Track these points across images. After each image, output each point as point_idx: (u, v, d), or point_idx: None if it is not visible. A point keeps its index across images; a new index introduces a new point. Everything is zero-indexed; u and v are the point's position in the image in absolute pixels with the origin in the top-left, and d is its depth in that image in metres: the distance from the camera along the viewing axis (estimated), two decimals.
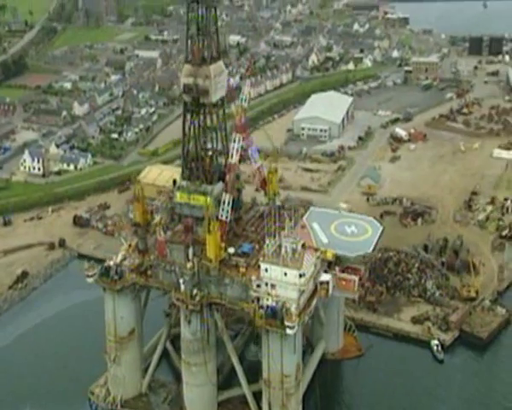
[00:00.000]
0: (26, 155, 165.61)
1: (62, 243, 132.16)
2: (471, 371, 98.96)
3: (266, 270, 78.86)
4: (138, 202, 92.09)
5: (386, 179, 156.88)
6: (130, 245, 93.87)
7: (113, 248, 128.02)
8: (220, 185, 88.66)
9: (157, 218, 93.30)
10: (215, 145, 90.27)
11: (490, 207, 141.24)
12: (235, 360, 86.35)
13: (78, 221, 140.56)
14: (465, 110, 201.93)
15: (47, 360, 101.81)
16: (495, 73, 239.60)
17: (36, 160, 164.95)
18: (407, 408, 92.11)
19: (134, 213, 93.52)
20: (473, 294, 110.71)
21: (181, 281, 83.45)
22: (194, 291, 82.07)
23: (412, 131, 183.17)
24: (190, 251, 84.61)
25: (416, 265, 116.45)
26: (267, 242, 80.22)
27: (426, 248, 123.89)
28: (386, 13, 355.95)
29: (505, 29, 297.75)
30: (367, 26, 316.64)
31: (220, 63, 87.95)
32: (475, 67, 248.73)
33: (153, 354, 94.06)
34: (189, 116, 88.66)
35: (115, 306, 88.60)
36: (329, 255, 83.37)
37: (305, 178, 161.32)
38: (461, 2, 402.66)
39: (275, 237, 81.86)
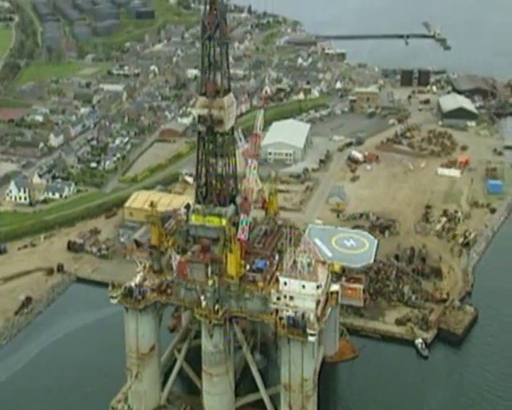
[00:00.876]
0: (12, 186, 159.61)
1: (60, 268, 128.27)
2: (452, 364, 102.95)
3: (285, 283, 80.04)
4: (154, 226, 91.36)
5: (351, 197, 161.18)
6: (144, 266, 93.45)
7: (110, 270, 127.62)
8: (232, 207, 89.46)
9: (170, 240, 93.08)
10: (226, 170, 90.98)
11: (444, 219, 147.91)
12: (253, 369, 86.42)
13: (72, 246, 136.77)
14: (408, 134, 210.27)
15: (62, 380, 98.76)
16: (427, 102, 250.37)
17: (22, 190, 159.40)
18: (400, 402, 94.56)
19: (150, 237, 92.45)
20: (444, 296, 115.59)
21: (202, 298, 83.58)
22: (216, 306, 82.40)
23: (366, 153, 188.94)
24: (209, 269, 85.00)
25: (394, 272, 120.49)
26: (285, 258, 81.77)
27: (397, 257, 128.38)
28: (323, 49, 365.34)
29: (425, 62, 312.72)
30: (310, 60, 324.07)
31: (231, 95, 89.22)
32: (409, 97, 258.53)
33: (170, 368, 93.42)
34: (202, 144, 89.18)
35: (138, 324, 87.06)
36: (337, 267, 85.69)
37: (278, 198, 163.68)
38: (386, 40, 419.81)
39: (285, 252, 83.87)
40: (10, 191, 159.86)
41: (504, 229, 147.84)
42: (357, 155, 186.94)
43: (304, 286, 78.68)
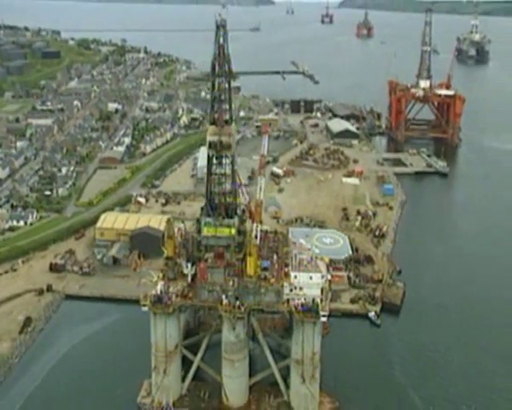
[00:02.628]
0: None
1: (50, 288, 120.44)
2: (397, 327, 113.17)
3: (295, 277, 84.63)
4: (170, 239, 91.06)
5: (282, 205, 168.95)
6: (158, 276, 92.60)
7: (95, 286, 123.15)
8: (237, 218, 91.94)
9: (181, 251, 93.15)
10: (232, 187, 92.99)
11: (359, 217, 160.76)
12: (267, 352, 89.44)
13: (54, 267, 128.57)
14: (310, 152, 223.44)
15: (85, 385, 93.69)
16: (316, 125, 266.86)
17: None
18: (367, 361, 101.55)
19: (166, 248, 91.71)
20: (380, 277, 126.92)
21: (223, 297, 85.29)
22: (237, 303, 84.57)
23: (285, 168, 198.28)
24: (226, 272, 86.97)
25: None
26: (292, 256, 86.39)
27: None
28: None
29: (301, 93, 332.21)
30: None
31: (233, 124, 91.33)
32: (301, 122, 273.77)
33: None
34: (212, 166, 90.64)
35: (166, 326, 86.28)
36: (326, 260, 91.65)
37: None
38: (267, 75, 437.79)
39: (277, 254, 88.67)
40: None
41: (402, 221, 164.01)
42: (278, 170, 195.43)
43: (311, 277, 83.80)
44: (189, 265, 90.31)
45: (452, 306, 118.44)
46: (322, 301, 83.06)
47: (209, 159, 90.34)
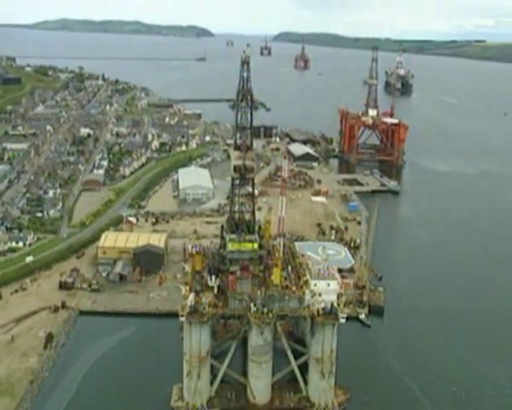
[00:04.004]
0: None
1: (64, 305, 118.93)
2: (384, 326, 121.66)
3: (315, 284, 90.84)
4: (198, 255, 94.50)
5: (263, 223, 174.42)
6: (186, 290, 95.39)
7: (106, 301, 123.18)
8: (256, 234, 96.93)
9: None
10: (253, 206, 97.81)
11: (333, 232, 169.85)
12: (289, 352, 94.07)
13: (64, 285, 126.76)
14: (278, 173, 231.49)
15: (116, 395, 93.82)
16: (277, 149, 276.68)
17: None
18: (363, 358, 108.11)
19: (195, 263, 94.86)
20: (364, 283, 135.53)
21: (251, 305, 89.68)
22: (265, 310, 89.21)
23: (260, 189, 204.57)
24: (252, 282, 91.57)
25: None
26: (310, 266, 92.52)
27: None
28: (179, 110, 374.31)
29: (257, 119, 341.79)
30: (176, 119, 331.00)
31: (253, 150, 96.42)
32: (263, 146, 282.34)
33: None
34: (235, 188, 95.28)
35: (200, 334, 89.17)
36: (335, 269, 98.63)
37: (210, 228, 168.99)
38: (217, 103, 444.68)
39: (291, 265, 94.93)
40: None
41: (370, 234, 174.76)
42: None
43: (329, 284, 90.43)
44: (213, 278, 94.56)
45: (427, 305, 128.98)
46: (339, 305, 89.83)
47: (233, 181, 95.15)
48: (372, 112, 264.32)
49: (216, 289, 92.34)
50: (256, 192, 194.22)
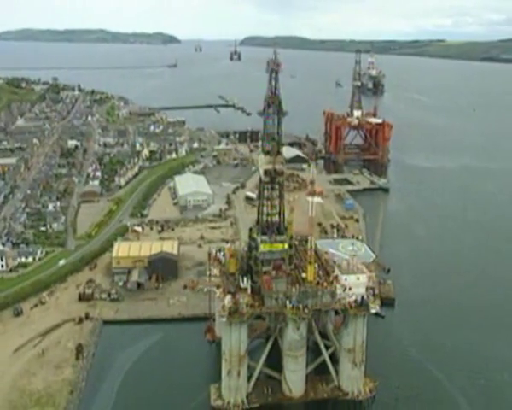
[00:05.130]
0: None
1: (87, 316, 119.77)
2: (397, 317, 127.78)
3: (346, 279, 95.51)
4: (233, 258, 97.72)
5: None
6: (221, 292, 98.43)
7: (128, 309, 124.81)
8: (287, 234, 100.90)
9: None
10: (282, 208, 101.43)
11: (335, 230, 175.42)
12: (321, 345, 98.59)
13: (83, 297, 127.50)
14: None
15: (156, 399, 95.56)
16: None
17: None
18: (387, 344, 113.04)
19: (229, 266, 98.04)
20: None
21: (287, 302, 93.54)
22: (300, 306, 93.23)
23: (257, 192, 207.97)
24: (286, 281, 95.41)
25: None
26: (339, 262, 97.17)
27: None
28: (162, 118, 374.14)
29: (239, 124, 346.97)
30: (161, 127, 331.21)
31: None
32: (251, 151, 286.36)
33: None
34: (265, 191, 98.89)
35: (240, 333, 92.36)
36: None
37: (215, 233, 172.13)
38: (201, 109, 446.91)
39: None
40: None
41: (368, 230, 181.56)
42: (252, 194, 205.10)
43: (358, 278, 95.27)
44: (245, 279, 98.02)
45: (433, 294, 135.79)
46: (369, 297, 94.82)
47: (263, 185, 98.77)
48: (357, 113, 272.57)
49: (250, 290, 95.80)
50: (254, 196, 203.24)
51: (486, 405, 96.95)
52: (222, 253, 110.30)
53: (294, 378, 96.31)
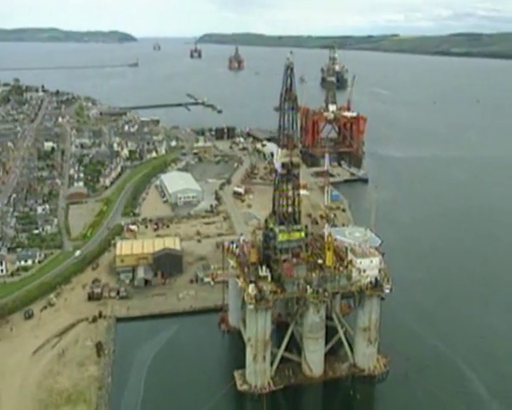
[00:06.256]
0: None
1: (101, 314, 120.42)
2: (395, 298, 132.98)
3: (360, 262, 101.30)
4: (253, 248, 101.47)
5: (260, 218, 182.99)
6: (242, 281, 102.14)
7: (139, 306, 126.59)
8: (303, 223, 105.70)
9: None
10: (298, 198, 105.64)
11: (325, 220, 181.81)
12: (339, 327, 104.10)
13: (93, 296, 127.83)
14: (255, 171, 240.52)
15: (183, 387, 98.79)
16: (245, 149, 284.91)
17: None
18: (392, 321, 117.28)
19: (250, 256, 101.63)
20: None
21: (308, 287, 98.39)
22: (320, 290, 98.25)
23: (244, 187, 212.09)
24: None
25: None
26: (353, 247, 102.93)
27: None
28: (134, 117, 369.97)
29: (211, 121, 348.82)
30: (136, 127, 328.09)
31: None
32: (230, 147, 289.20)
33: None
34: (282, 183, 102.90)
35: (266, 319, 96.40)
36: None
37: (210, 228, 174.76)
38: (171, 108, 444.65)
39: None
40: None
41: (355, 219, 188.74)
42: (239, 189, 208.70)
43: (372, 261, 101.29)
44: (264, 268, 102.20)
45: (425, 276, 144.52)
46: (382, 278, 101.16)
47: (279, 177, 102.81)
48: (332, 107, 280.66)
49: (270, 278, 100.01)
50: (241, 190, 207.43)
51: (488, 371, 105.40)
52: (235, 245, 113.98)
53: (315, 359, 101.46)
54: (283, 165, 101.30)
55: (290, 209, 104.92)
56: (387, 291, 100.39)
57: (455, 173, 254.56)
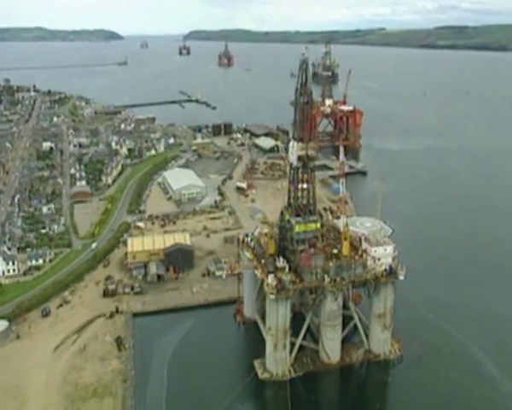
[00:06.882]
0: (0, 262, 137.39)
1: (117, 310, 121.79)
2: (406, 284, 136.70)
3: (375, 251, 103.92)
4: (271, 240, 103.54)
5: (265, 212, 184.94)
6: (260, 272, 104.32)
7: (154, 301, 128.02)
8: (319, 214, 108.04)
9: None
10: (313, 190, 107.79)
11: (329, 213, 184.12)
12: (355, 314, 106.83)
13: (108, 292, 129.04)
14: (255, 166, 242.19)
15: (207, 376, 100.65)
16: (243, 144, 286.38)
17: (11, 263, 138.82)
18: (402, 306, 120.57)
19: (269, 247, 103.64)
20: None
21: (325, 276, 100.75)
22: (338, 279, 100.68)
23: (246, 182, 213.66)
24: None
25: None
26: (368, 237, 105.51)
27: None
28: (129, 116, 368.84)
29: (207, 118, 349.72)
30: (132, 125, 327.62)
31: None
32: (228, 143, 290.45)
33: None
34: (297, 176, 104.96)
35: (286, 308, 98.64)
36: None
37: (216, 223, 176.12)
38: (165, 105, 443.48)
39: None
40: None
41: (359, 211, 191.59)
42: (242, 184, 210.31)
43: (385, 249, 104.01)
44: (281, 259, 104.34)
45: (430, 261, 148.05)
46: (396, 266, 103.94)
47: (295, 170, 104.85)
48: (328, 101, 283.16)
49: (287, 268, 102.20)
50: (244, 185, 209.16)
51: (500, 353, 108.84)
52: (249, 238, 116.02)
53: (332, 346, 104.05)
54: (299, 158, 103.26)
55: (305, 201, 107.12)
56: (402, 278, 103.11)
57: (451, 164, 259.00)
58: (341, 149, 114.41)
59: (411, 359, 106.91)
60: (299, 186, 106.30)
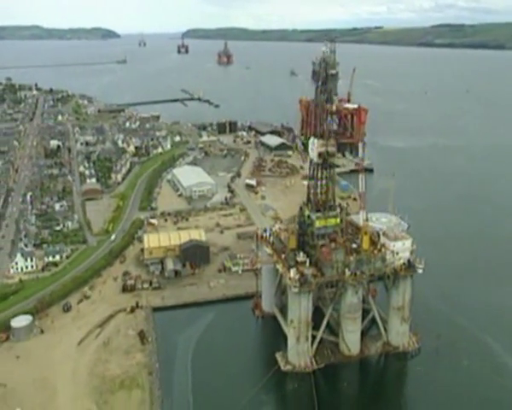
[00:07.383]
0: (19, 258, 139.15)
1: (138, 305, 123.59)
2: (420, 278, 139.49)
3: (394, 245, 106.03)
4: (292, 235, 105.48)
5: (276, 208, 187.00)
6: (282, 267, 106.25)
7: (173, 295, 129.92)
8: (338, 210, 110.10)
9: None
10: (333, 186, 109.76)
11: (339, 210, 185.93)
12: (374, 307, 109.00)
13: (127, 288, 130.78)
14: (263, 164, 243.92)
15: (230, 368, 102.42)
16: (249, 142, 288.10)
17: (29, 259, 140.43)
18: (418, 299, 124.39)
19: (290, 242, 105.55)
20: None
21: (346, 270, 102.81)
22: (358, 273, 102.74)
23: (256, 179, 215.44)
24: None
25: None
26: (386, 231, 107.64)
27: None
28: (133, 113, 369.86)
29: (209, 116, 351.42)
30: (137, 123, 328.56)
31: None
32: (234, 141, 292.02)
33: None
34: (318, 172, 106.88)
35: (308, 301, 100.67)
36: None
37: (228, 220, 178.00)
38: (167, 103, 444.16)
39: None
40: (16, 263, 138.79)
41: (369, 208, 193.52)
42: (252, 182, 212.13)
43: (404, 244, 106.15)
44: (301, 253, 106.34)
45: (444, 257, 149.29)
46: (414, 259, 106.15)
47: (316, 166, 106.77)
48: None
49: (308, 263, 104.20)
50: (253, 183, 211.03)
51: None
52: (268, 233, 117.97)
53: (352, 338, 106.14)
54: (320, 154, 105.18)
55: (325, 197, 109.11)
56: (420, 271, 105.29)
57: (456, 161, 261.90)
58: (360, 146, 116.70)
59: (429, 351, 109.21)
60: (319, 183, 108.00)
